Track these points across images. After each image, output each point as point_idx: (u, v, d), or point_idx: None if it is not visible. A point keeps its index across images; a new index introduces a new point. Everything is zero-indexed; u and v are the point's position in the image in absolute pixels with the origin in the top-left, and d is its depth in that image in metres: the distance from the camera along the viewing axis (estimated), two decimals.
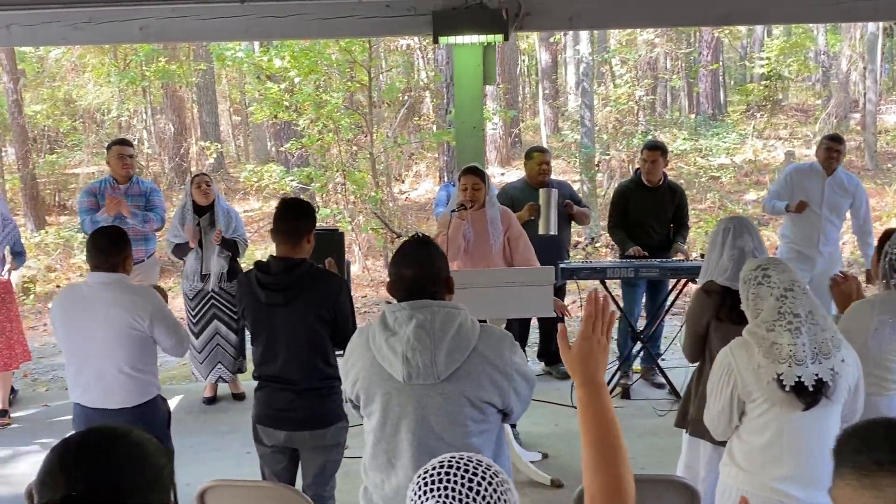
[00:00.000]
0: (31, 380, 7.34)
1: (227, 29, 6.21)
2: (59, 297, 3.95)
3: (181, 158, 16.63)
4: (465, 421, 2.59)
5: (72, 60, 15.50)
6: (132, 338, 3.80)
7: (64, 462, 1.48)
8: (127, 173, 6.33)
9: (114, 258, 3.81)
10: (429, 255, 2.75)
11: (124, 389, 3.83)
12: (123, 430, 1.58)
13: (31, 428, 6.09)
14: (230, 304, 6.26)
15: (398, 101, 13.56)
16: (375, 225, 10.78)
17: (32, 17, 6.11)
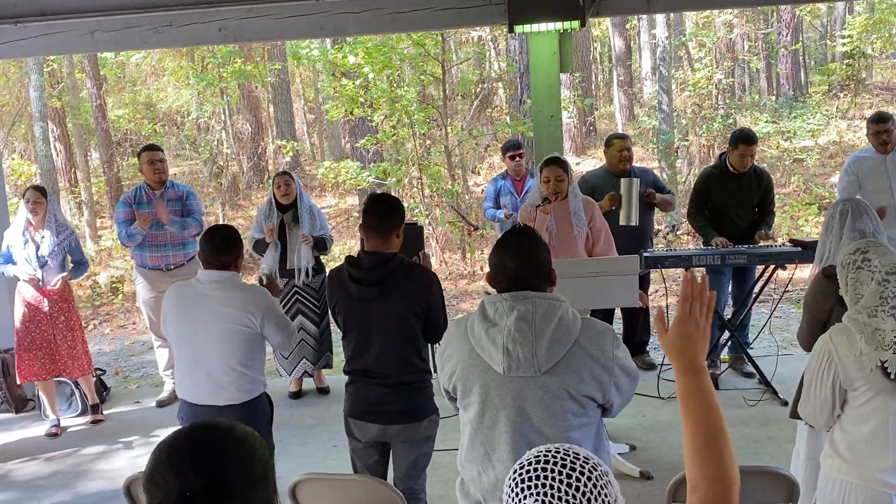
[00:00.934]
0: (123, 377, 7.54)
1: (302, 27, 6.26)
2: (172, 294, 3.98)
3: (259, 158, 16.90)
4: (565, 414, 2.54)
5: (151, 65, 15.88)
6: (243, 335, 3.84)
7: (174, 461, 1.49)
8: (160, 178, 6.34)
9: (226, 257, 3.87)
10: (531, 247, 2.70)
11: (233, 386, 3.87)
12: (227, 426, 1.58)
13: (125, 425, 6.26)
14: (313, 300, 6.32)
15: (471, 93, 13.51)
16: (452, 218, 10.76)
17: (115, 23, 6.26)
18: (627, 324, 6.67)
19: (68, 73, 14.27)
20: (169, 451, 1.51)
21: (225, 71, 13.83)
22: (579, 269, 4.52)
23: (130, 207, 6.30)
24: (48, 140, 13.01)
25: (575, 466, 1.52)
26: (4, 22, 6.25)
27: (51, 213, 5.96)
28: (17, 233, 5.89)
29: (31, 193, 5.93)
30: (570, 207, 5.01)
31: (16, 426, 6.34)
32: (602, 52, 24.31)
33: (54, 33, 6.31)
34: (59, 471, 5.55)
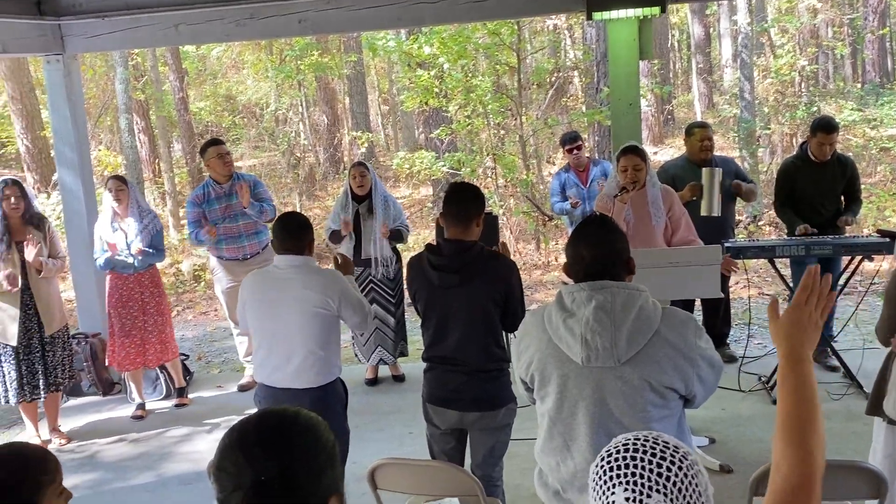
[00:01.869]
0: (205, 363, 7.73)
1: (379, 18, 6.30)
2: (250, 280, 4.06)
3: (335, 149, 17.11)
4: (646, 406, 2.51)
5: (232, 58, 16.20)
6: (321, 318, 3.90)
7: (245, 448, 1.51)
8: (228, 171, 6.40)
9: (301, 241, 3.94)
10: (608, 235, 2.68)
11: (311, 370, 3.94)
12: (293, 413, 1.61)
13: (207, 408, 6.43)
14: (388, 289, 6.38)
15: (546, 82, 13.41)
16: (526, 208, 10.72)
17: (198, 16, 6.40)
18: (708, 315, 6.55)
19: (152, 67, 14.66)
20: (239, 438, 1.54)
21: (302, 63, 14.03)
22: (659, 259, 4.45)
23: (200, 208, 6.38)
24: (133, 132, 13.40)
25: (665, 455, 1.50)
26: (92, 16, 6.45)
27: (133, 199, 6.13)
28: (105, 223, 6.09)
29: (113, 183, 6.11)
30: (648, 197, 4.93)
31: (103, 408, 6.56)
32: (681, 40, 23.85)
33: (140, 27, 6.48)
34: (143, 452, 5.72)
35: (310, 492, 1.52)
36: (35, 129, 13.97)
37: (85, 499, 5.03)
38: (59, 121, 6.79)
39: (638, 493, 1.45)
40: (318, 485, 1.54)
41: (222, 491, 1.51)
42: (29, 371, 5.70)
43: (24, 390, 5.71)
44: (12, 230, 5.60)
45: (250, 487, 1.46)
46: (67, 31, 6.54)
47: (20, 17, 6.20)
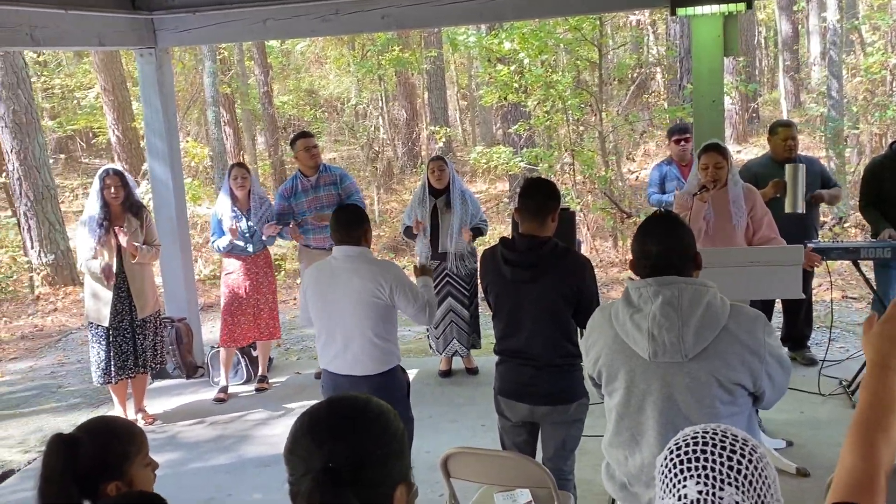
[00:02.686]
0: (284, 349, 7.92)
1: (461, 13, 6.34)
2: (310, 272, 4.20)
3: (413, 143, 17.25)
4: (714, 402, 2.51)
5: (315, 53, 16.48)
6: (376, 307, 4.00)
7: (315, 434, 1.55)
8: (315, 164, 6.54)
9: (355, 233, 4.05)
10: (675, 230, 2.68)
11: (369, 357, 4.05)
12: (364, 400, 1.64)
13: (285, 393, 6.59)
14: (464, 283, 6.43)
15: (627, 78, 13.28)
16: (604, 205, 10.64)
17: (285, 12, 6.54)
18: (789, 317, 6.42)
19: (238, 61, 15.02)
20: (309, 424, 1.57)
21: (383, 58, 14.19)
22: (740, 258, 4.39)
23: (288, 202, 6.55)
24: (220, 124, 13.75)
25: (735, 448, 1.50)
26: (184, 11, 6.65)
27: (253, 187, 6.40)
28: (225, 208, 6.37)
29: (238, 171, 6.45)
30: (729, 196, 4.86)
31: (186, 391, 6.78)
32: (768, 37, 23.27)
33: (229, 22, 6.66)
34: (223, 434, 5.90)
35: (378, 479, 1.54)
36: (126, 121, 14.46)
37: (166, 478, 5.19)
38: (150, 112, 7.03)
39: (710, 485, 1.46)
40: (387, 472, 1.56)
41: (293, 474, 1.54)
42: (118, 352, 5.93)
43: (112, 371, 5.94)
44: (112, 217, 5.83)
45: (319, 472, 1.49)
46: (160, 26, 6.76)
47: (115, 12, 6.43)
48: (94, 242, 5.74)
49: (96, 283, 5.85)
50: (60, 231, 11.33)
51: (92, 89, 18.20)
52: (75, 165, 21.31)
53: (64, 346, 8.75)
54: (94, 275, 5.81)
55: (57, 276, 11.19)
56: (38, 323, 9.84)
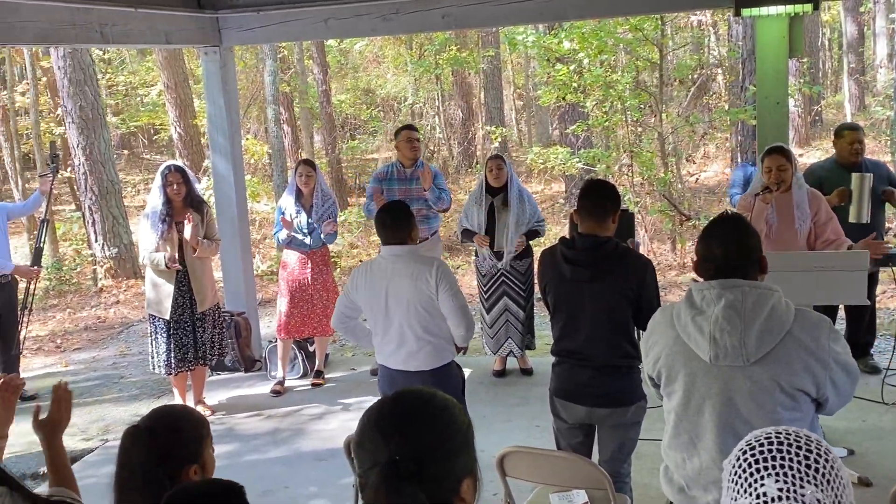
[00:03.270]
0: (339, 345, 7.99)
1: (522, 12, 6.32)
2: (359, 273, 4.26)
3: (468, 143, 17.26)
4: (775, 407, 2.48)
5: (373, 52, 16.59)
6: (425, 303, 4.05)
7: (382, 427, 1.57)
8: (414, 156, 6.65)
9: (400, 232, 4.09)
10: (741, 233, 2.65)
11: (422, 353, 4.10)
12: (429, 394, 1.65)
13: (341, 388, 6.66)
14: (519, 283, 6.42)
15: (688, 79, 13.12)
16: (663, 207, 10.53)
17: (346, 11, 6.60)
18: (851, 324, 6.28)
19: (298, 60, 15.19)
20: (376, 417, 1.60)
21: (441, 58, 14.23)
22: (804, 262, 4.31)
23: (380, 183, 6.66)
24: (279, 122, 13.93)
25: (811, 448, 1.49)
26: (248, 10, 6.76)
27: (318, 184, 6.51)
28: (290, 202, 6.49)
29: (303, 168, 6.56)
30: (793, 199, 4.79)
31: (244, 383, 6.89)
32: (832, 39, 22.79)
33: (291, 21, 6.74)
34: (280, 427, 5.98)
35: (444, 473, 1.55)
36: (187, 118, 14.72)
37: (223, 469, 5.24)
38: (213, 109, 7.16)
39: (790, 483, 1.44)
40: (453, 466, 1.57)
41: (361, 467, 1.57)
42: (178, 345, 6.05)
43: (173, 363, 6.05)
44: (174, 212, 5.96)
45: (386, 466, 1.51)
46: (224, 24, 6.87)
47: (182, 10, 6.55)
48: (157, 237, 5.86)
49: (158, 276, 5.98)
50: (123, 225, 11.59)
51: (154, 87, 18.58)
52: (137, 161, 21.79)
53: (126, 338, 8.95)
54: (156, 267, 5.93)
55: (119, 269, 11.46)
56: (101, 314, 10.08)
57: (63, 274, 11.70)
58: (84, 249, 12.51)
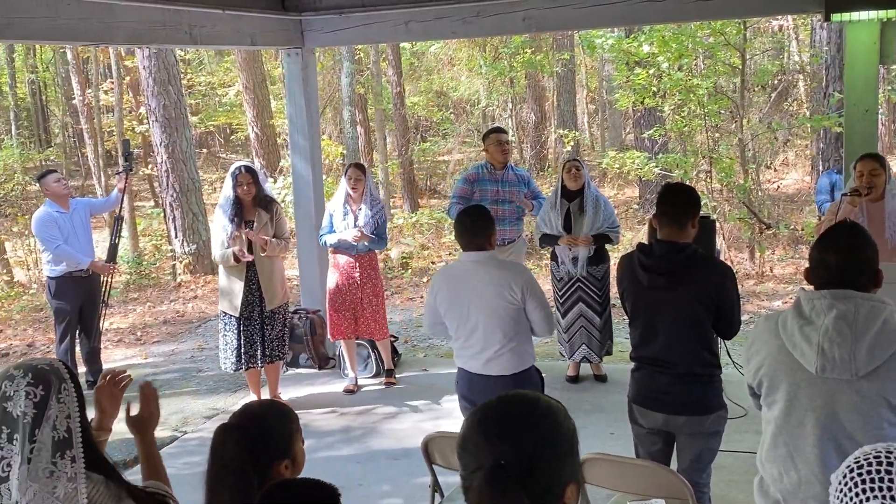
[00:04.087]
0: (411, 346, 8.03)
1: (603, 16, 6.27)
2: (439, 276, 4.28)
3: (541, 146, 17.20)
4: (881, 423, 2.41)
5: (448, 54, 16.65)
6: (507, 310, 4.03)
7: (486, 431, 1.57)
8: (504, 159, 6.66)
9: (479, 238, 4.07)
10: (858, 243, 2.58)
11: (503, 358, 4.08)
12: (533, 398, 1.64)
13: (413, 390, 6.68)
14: (596, 288, 6.36)
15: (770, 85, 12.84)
16: (742, 214, 10.33)
17: (427, 14, 6.63)
18: None
19: (374, 62, 15.32)
20: (480, 421, 1.60)
21: (515, 61, 14.21)
22: None
23: (471, 186, 6.65)
24: (355, 123, 14.08)
25: None
26: (331, 12, 6.84)
27: (367, 188, 6.50)
28: (338, 205, 6.48)
29: (353, 171, 6.51)
30: (885, 209, 4.66)
31: (318, 381, 6.98)
32: None
33: (373, 24, 6.81)
34: (353, 425, 6.05)
35: (549, 477, 1.55)
36: (264, 118, 14.99)
37: None
38: (294, 110, 7.27)
39: None
40: (558, 471, 1.56)
41: (465, 469, 1.58)
42: (248, 341, 6.15)
43: (242, 359, 6.15)
44: (243, 212, 6.07)
45: (490, 469, 1.51)
46: (307, 27, 6.97)
47: (267, 13, 6.67)
48: (226, 238, 5.98)
49: (229, 274, 6.09)
50: (202, 222, 11.86)
51: (232, 87, 18.96)
52: (213, 160, 22.26)
53: (203, 333, 9.15)
54: (226, 263, 6.04)
55: (197, 265, 11.72)
56: (179, 309, 10.32)
57: (143, 268, 12.02)
58: (163, 245, 12.84)
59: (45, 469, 2.13)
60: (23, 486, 2.10)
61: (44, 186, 6.97)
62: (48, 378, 2.18)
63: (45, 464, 2.13)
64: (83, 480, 2.15)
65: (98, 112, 15.00)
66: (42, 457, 2.13)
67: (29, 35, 4.76)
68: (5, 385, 2.16)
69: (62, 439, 2.15)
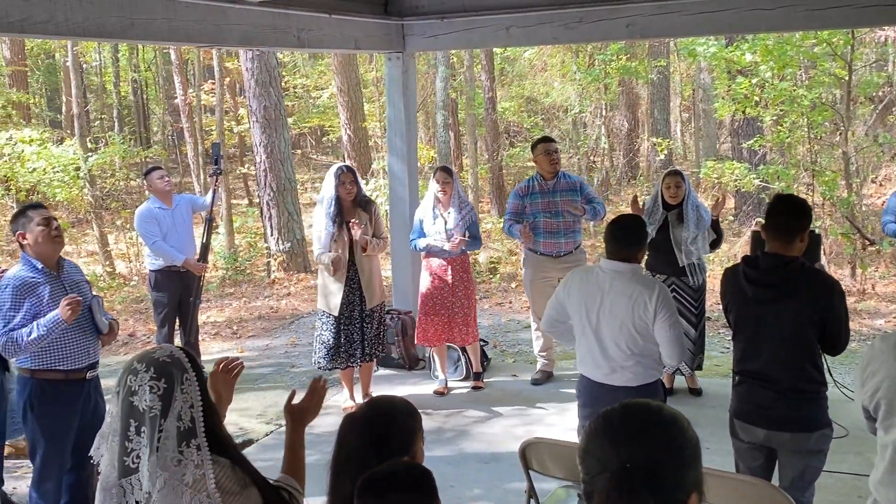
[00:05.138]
0: (500, 351, 8.04)
1: (711, 23, 6.17)
2: (573, 278, 4.18)
3: (634, 154, 16.99)
4: None
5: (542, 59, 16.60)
6: (637, 325, 3.92)
7: (610, 436, 1.59)
8: (554, 169, 6.57)
9: (628, 250, 3.97)
10: None
11: (629, 371, 3.99)
12: (657, 406, 1.66)
13: (501, 395, 6.69)
14: (692, 299, 6.25)
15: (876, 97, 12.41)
16: (845, 229, 10.00)
17: (529, 19, 6.63)
18: None
19: (467, 67, 15.40)
20: (604, 426, 1.62)
21: (610, 67, 14.08)
22: None
23: (522, 201, 6.63)
24: (447, 127, 14.18)
25: None
26: (433, 17, 6.91)
27: (455, 191, 6.53)
28: (427, 209, 6.53)
29: (441, 175, 6.54)
30: None
31: (408, 381, 7.04)
32: None
33: (474, 28, 6.83)
34: (442, 427, 6.08)
35: (674, 484, 1.56)
36: (357, 121, 15.22)
37: None
38: (393, 113, 7.36)
39: None
40: (683, 478, 1.57)
41: (588, 473, 1.59)
42: (347, 340, 6.25)
43: (340, 358, 6.26)
44: (344, 211, 6.17)
45: (616, 472, 1.53)
46: (409, 31, 7.06)
47: (369, 17, 6.78)
48: (328, 238, 6.09)
49: (328, 274, 6.20)
50: (297, 221, 12.12)
51: (325, 90, 19.31)
52: (306, 161, 22.68)
53: (296, 329, 9.34)
54: (325, 266, 6.16)
55: (291, 263, 11.98)
56: (273, 305, 10.56)
57: (238, 265, 12.35)
58: (258, 242, 13.16)
59: (173, 458, 2.21)
60: (153, 475, 2.18)
61: (148, 182, 7.22)
62: (170, 371, 2.26)
63: (172, 452, 2.21)
64: (210, 466, 2.23)
65: (199, 111, 15.46)
66: (168, 446, 2.21)
67: (149, 36, 4.93)
68: (129, 380, 2.25)
69: (186, 429, 2.23)
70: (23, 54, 17.78)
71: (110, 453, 2.26)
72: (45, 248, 4.29)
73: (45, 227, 4.27)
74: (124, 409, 2.24)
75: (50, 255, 4.33)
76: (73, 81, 14.23)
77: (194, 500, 2.19)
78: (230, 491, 2.25)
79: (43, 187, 12.57)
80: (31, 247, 4.28)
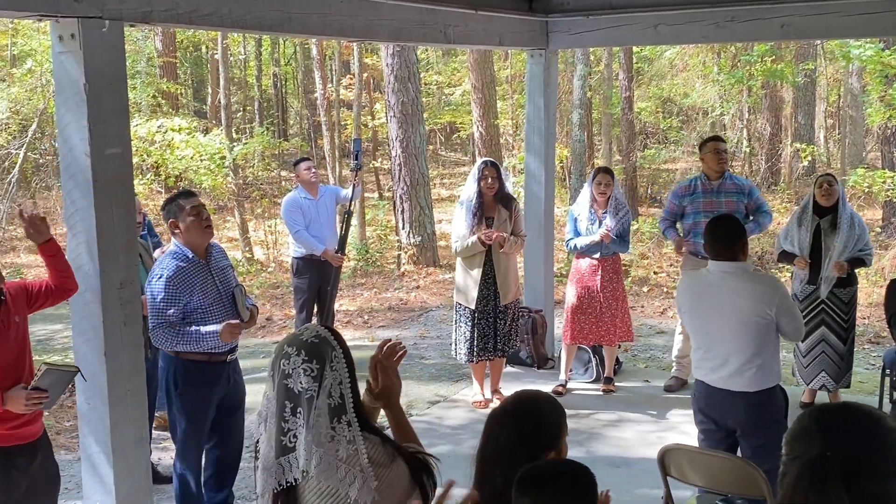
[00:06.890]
0: (632, 355, 7.90)
1: (872, 25, 5.89)
2: (684, 284, 4.20)
3: (775, 159, 16.38)
4: None
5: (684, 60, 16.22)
6: (757, 325, 3.89)
7: (821, 424, 1.60)
8: (721, 169, 6.39)
9: (731, 249, 3.95)
10: None
11: (746, 375, 3.95)
12: (879, 412, 1.65)
13: (633, 400, 6.59)
14: (841, 312, 5.98)
15: None
16: None
17: (678, 17, 6.48)
18: None
19: (606, 66, 15.20)
20: (820, 413, 1.64)
21: (755, 69, 13.61)
22: None
23: (680, 200, 6.49)
24: (582, 126, 14.04)
25: None
26: (577, 14, 6.84)
27: (613, 193, 6.51)
28: (584, 208, 6.53)
29: (602, 176, 6.53)
30: None
31: (537, 380, 7.00)
32: None
33: (620, 26, 6.74)
34: (575, 429, 5.99)
35: (877, 488, 1.53)
36: (490, 118, 15.23)
37: None
38: (532, 110, 7.35)
39: None
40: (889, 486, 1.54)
41: (787, 455, 1.62)
42: (481, 334, 6.30)
43: (475, 351, 6.31)
44: (485, 206, 6.21)
45: (814, 458, 1.54)
46: (553, 28, 7.02)
47: (515, 14, 6.78)
48: (467, 231, 6.14)
49: (467, 267, 6.25)
50: (429, 216, 12.26)
51: (459, 87, 19.46)
52: (435, 157, 22.94)
53: (425, 322, 9.46)
54: (468, 253, 6.17)
55: (421, 257, 12.14)
56: (403, 297, 10.73)
57: (370, 256, 12.60)
58: (388, 235, 13.39)
59: (326, 434, 2.28)
60: (309, 451, 2.26)
61: (296, 173, 7.47)
62: (320, 351, 2.32)
63: (325, 429, 2.28)
64: (362, 441, 2.29)
65: (338, 105, 15.85)
66: (321, 423, 2.28)
67: (304, 30, 5.09)
68: (283, 363, 2.32)
69: (337, 405, 2.30)
70: (173, 46, 18.62)
71: (268, 434, 2.34)
72: (197, 238, 4.46)
73: (197, 217, 4.45)
74: (280, 391, 2.32)
75: (200, 245, 4.50)
76: (222, 73, 14.81)
77: (349, 474, 2.25)
78: (381, 464, 2.31)
79: (190, 174, 13.15)
80: (182, 235, 4.46)
